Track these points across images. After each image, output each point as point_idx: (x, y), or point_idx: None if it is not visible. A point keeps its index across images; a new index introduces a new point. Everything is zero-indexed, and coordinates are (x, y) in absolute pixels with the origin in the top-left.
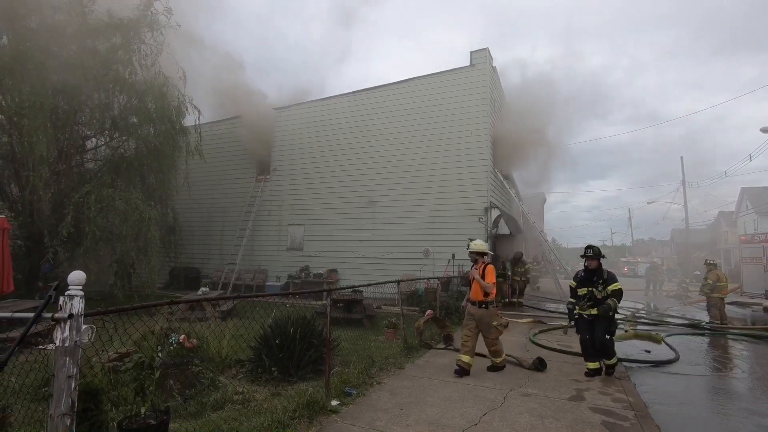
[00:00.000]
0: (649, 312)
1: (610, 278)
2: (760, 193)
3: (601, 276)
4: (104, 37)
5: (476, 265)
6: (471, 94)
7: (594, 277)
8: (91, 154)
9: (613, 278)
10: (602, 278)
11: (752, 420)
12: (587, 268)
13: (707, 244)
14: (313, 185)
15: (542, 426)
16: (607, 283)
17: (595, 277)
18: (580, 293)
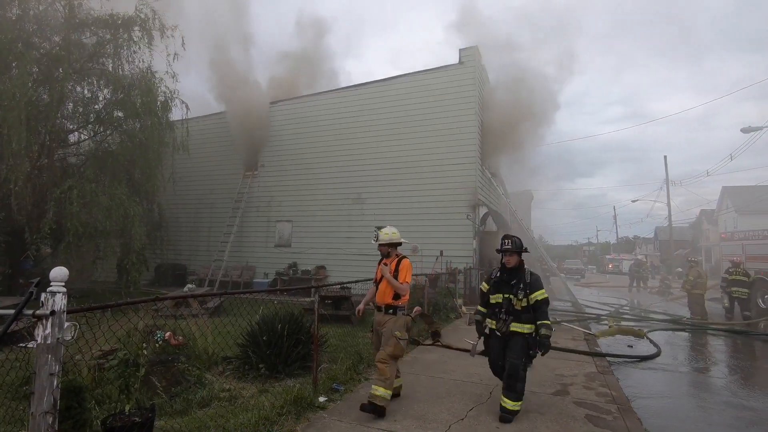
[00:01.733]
0: (632, 308)
1: (534, 282)
2: (741, 192)
3: (523, 278)
4: (91, 31)
5: (386, 259)
6: (459, 91)
7: (513, 279)
8: (74, 148)
9: (537, 283)
10: (524, 281)
11: (730, 413)
12: (504, 266)
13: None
14: (301, 181)
15: (528, 420)
16: (531, 289)
17: (514, 279)
18: (493, 300)
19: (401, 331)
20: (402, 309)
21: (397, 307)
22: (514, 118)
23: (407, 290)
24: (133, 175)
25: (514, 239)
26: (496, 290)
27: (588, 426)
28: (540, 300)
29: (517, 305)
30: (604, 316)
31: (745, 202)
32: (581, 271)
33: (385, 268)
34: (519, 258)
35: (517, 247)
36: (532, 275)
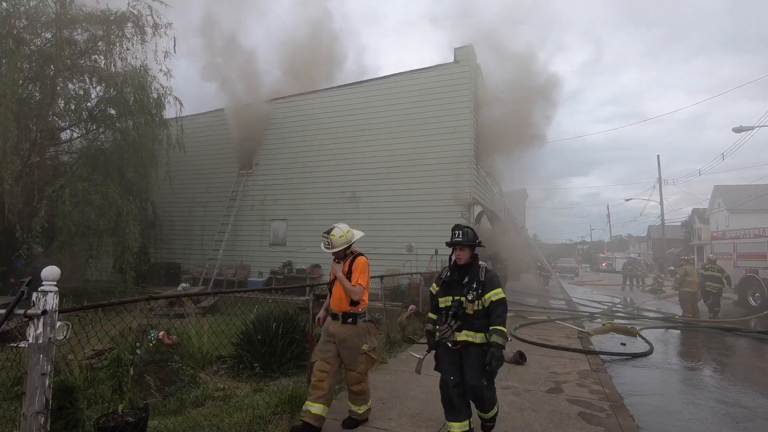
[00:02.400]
0: (625, 306)
1: (490, 281)
2: (732, 191)
3: (476, 277)
4: (83, 28)
5: (339, 259)
6: (454, 90)
7: (465, 278)
8: (66, 146)
9: (493, 281)
10: (477, 280)
11: (720, 409)
12: (455, 263)
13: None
14: (296, 180)
15: (521, 418)
16: (485, 289)
17: (466, 278)
18: (442, 304)
19: (367, 342)
20: (362, 316)
21: (356, 315)
22: (509, 117)
23: (362, 294)
24: (126, 173)
25: (466, 230)
26: (445, 292)
27: (581, 423)
28: (495, 301)
29: (469, 309)
30: (598, 315)
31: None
32: (575, 270)
33: (337, 267)
34: (472, 252)
35: (470, 239)
36: (487, 272)
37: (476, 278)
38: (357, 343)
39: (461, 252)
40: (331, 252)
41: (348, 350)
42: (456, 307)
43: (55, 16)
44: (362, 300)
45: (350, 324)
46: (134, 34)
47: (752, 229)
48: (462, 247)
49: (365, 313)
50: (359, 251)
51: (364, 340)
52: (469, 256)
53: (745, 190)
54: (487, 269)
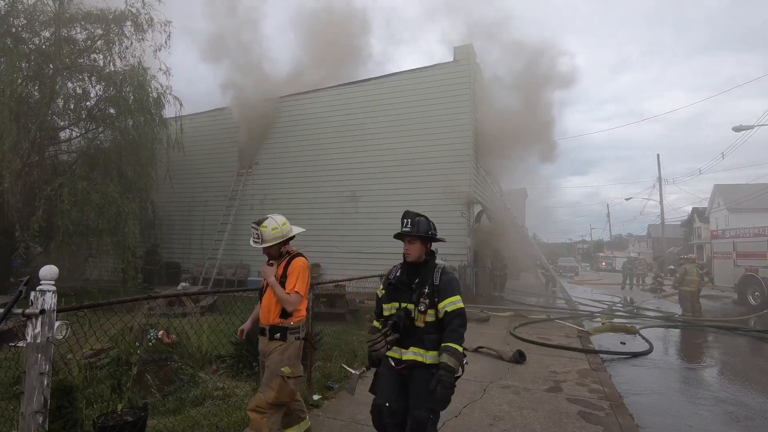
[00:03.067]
0: (625, 305)
1: (447, 285)
2: (732, 190)
3: (430, 279)
4: (82, 26)
5: (273, 260)
6: (454, 89)
7: (416, 279)
8: (65, 145)
9: (451, 286)
10: (431, 284)
11: (721, 407)
12: (405, 261)
13: (682, 239)
14: (295, 179)
15: (521, 416)
16: (440, 296)
17: (417, 279)
18: (387, 312)
19: (292, 365)
20: (295, 331)
21: (286, 330)
22: (509, 116)
23: (297, 303)
24: (126, 172)
25: (418, 219)
26: (391, 297)
27: (581, 422)
28: (451, 312)
29: (419, 320)
30: (597, 314)
31: (737, 200)
32: (575, 269)
33: (268, 270)
34: (426, 247)
35: (421, 230)
36: (444, 275)
37: (429, 281)
38: (278, 363)
39: (410, 245)
40: (262, 248)
41: (267, 370)
42: (400, 317)
43: (54, 14)
44: (297, 311)
45: (278, 340)
46: (133, 33)
47: (752, 228)
48: (411, 239)
49: (300, 329)
50: (298, 251)
51: (288, 361)
52: (421, 252)
53: (745, 189)
54: (444, 270)
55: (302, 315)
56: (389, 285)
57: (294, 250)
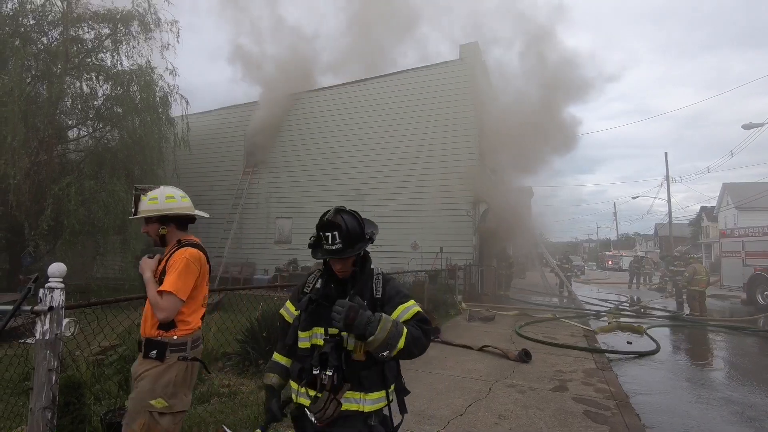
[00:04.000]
0: (632, 304)
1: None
2: (741, 189)
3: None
4: (89, 26)
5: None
6: (459, 87)
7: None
8: (73, 144)
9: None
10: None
11: (729, 408)
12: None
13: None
14: (301, 178)
15: (526, 416)
16: (386, 308)
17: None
18: (303, 343)
19: (169, 395)
20: (178, 348)
21: (166, 346)
22: (515, 114)
23: (171, 310)
24: (133, 171)
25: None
26: (311, 321)
27: (587, 422)
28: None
29: (358, 351)
30: (604, 313)
31: (746, 198)
32: (581, 268)
33: (146, 263)
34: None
35: (351, 234)
36: (386, 282)
37: (367, 294)
38: (147, 392)
39: (343, 261)
40: (139, 219)
41: (130, 401)
42: (331, 351)
43: (62, 14)
44: (180, 321)
45: (153, 360)
46: (140, 32)
47: (761, 227)
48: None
49: (187, 345)
50: (195, 240)
51: (159, 391)
52: (353, 264)
53: (754, 188)
54: (384, 277)
55: (192, 326)
56: (309, 303)
57: (192, 239)
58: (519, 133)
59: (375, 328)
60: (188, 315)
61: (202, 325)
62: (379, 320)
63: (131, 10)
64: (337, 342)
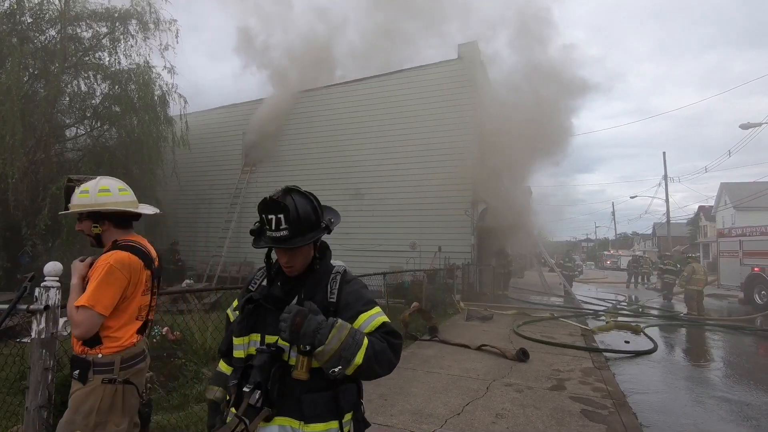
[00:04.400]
0: (629, 304)
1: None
2: (739, 189)
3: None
4: (87, 25)
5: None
6: (458, 87)
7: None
8: (71, 143)
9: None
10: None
11: (725, 407)
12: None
13: (687, 238)
14: (299, 176)
15: (523, 415)
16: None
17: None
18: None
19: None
20: (104, 369)
21: (88, 365)
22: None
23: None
24: (131, 170)
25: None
26: (248, 326)
27: (584, 420)
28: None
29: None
30: (602, 312)
31: (743, 198)
32: (579, 267)
33: (76, 266)
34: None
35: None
36: (345, 283)
37: (320, 296)
38: (67, 422)
39: (290, 253)
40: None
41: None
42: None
43: (60, 12)
44: (106, 337)
45: (76, 381)
46: (138, 31)
47: (759, 226)
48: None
49: (114, 365)
50: (136, 241)
51: (85, 421)
52: (308, 255)
53: (751, 188)
54: (344, 277)
55: (123, 343)
56: (248, 303)
57: (131, 240)
58: (518, 132)
59: (325, 335)
60: (116, 330)
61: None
62: (331, 326)
63: (129, 8)
64: (272, 354)
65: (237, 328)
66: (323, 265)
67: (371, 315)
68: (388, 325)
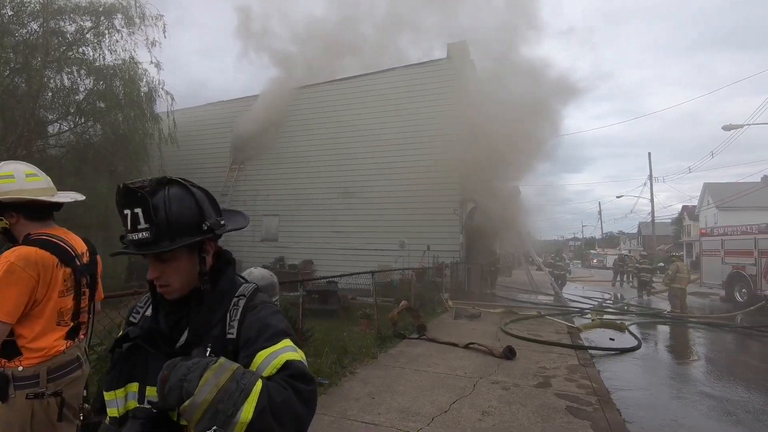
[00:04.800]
0: (615, 302)
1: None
2: (721, 189)
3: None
4: (71, 19)
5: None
6: (447, 86)
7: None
8: (54, 139)
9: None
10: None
11: (706, 402)
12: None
13: (671, 237)
14: (288, 175)
15: (510, 412)
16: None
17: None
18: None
19: None
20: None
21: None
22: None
23: None
24: (117, 167)
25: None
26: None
27: (569, 417)
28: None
29: None
30: (588, 310)
31: (726, 198)
32: (569, 267)
33: None
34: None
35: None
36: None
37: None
38: None
39: (159, 263)
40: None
41: None
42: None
43: (42, 6)
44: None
45: None
46: (124, 26)
47: (739, 226)
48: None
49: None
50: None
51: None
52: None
53: (733, 188)
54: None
55: (47, 353)
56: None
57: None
58: (506, 131)
59: (194, 384)
60: (34, 339)
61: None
62: (204, 368)
63: (114, 2)
64: (152, 417)
65: (106, 379)
66: (222, 285)
67: (273, 351)
68: (297, 365)
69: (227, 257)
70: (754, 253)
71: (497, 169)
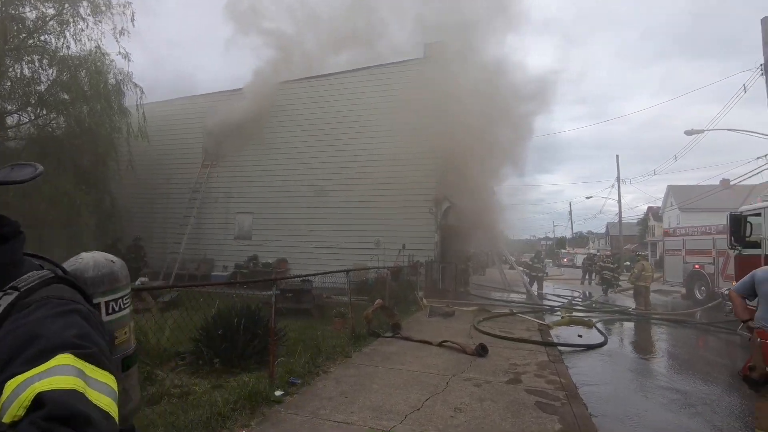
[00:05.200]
0: (583, 299)
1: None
2: (684, 191)
3: None
4: (31, 5)
5: None
6: (423, 85)
7: None
8: (12, 131)
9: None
10: None
11: (667, 396)
12: None
13: (637, 237)
14: (261, 172)
15: (481, 408)
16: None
17: None
18: None
19: None
20: None
21: None
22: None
23: None
24: (81, 162)
25: None
26: None
27: (537, 412)
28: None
29: None
30: (558, 308)
31: (688, 200)
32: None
33: None
34: None
35: None
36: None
37: None
38: None
39: None
40: None
41: None
42: None
43: None
44: None
45: None
46: (90, 14)
47: (699, 226)
48: None
49: None
50: None
51: None
52: None
53: (695, 190)
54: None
55: None
56: None
57: None
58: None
59: None
60: None
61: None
62: None
63: None
64: None
65: None
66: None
67: (27, 379)
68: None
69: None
70: (713, 252)
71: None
